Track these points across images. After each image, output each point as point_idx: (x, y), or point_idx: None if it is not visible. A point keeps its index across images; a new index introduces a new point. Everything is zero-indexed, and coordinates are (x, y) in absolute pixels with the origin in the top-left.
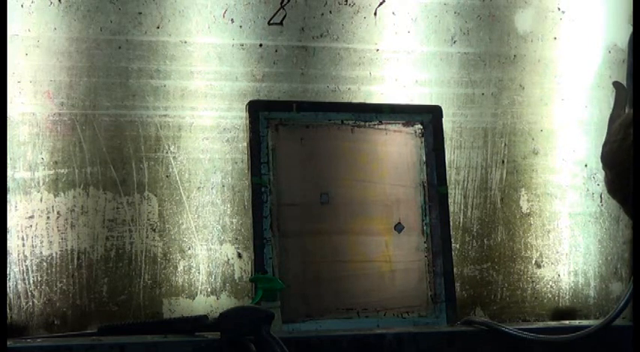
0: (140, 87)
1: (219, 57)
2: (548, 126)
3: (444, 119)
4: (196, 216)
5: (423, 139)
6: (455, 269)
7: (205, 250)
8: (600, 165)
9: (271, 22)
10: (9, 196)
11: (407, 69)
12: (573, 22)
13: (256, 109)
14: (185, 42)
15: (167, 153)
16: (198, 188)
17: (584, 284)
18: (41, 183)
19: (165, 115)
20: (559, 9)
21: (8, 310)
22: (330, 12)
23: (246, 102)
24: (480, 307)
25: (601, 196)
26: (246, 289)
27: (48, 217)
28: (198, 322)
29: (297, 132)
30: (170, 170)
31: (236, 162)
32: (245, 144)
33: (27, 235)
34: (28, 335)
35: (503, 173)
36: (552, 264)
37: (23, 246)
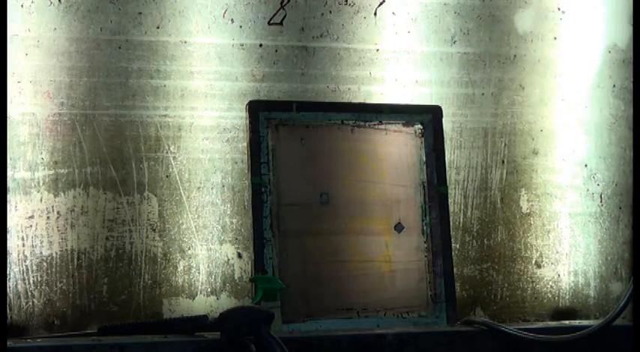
0: (140, 87)
1: (219, 57)
2: (548, 126)
3: (444, 119)
4: (196, 216)
5: (423, 139)
6: (455, 269)
7: (205, 250)
8: (599, 165)
9: (271, 22)
10: (9, 196)
11: (407, 69)
12: (573, 22)
13: (256, 109)
14: (185, 42)
15: (167, 153)
16: (198, 188)
17: (584, 284)
18: (41, 183)
19: (165, 115)
20: (559, 9)
21: (8, 310)
22: (330, 12)
23: (246, 102)
24: (480, 307)
25: (601, 196)
26: (246, 289)
27: (48, 217)
28: (198, 322)
29: (297, 132)
30: (170, 170)
31: (236, 162)
32: (245, 144)
33: (27, 235)
34: (28, 335)
35: (503, 173)
36: (552, 263)
37: (23, 246)
